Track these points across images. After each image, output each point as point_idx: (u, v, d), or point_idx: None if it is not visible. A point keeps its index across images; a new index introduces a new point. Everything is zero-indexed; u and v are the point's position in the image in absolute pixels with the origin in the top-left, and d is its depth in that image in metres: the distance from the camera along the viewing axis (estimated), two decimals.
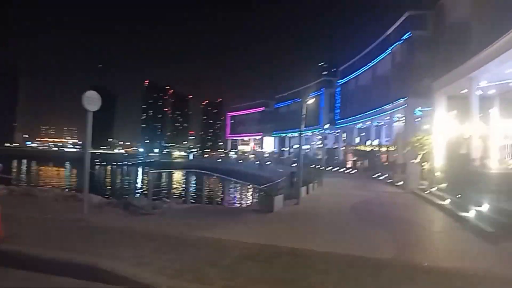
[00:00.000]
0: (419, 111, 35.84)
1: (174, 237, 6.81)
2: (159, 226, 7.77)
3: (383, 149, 37.42)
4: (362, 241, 7.50)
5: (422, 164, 20.46)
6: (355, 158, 45.33)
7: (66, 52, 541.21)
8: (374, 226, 9.31)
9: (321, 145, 69.27)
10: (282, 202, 11.49)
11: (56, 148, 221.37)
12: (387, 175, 29.11)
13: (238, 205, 21.87)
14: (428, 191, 16.55)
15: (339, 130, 62.10)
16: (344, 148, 56.04)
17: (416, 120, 37.69)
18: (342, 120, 57.82)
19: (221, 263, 5.44)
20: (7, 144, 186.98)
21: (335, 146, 63.04)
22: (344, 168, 44.04)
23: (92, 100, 8.48)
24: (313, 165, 32.89)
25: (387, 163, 35.12)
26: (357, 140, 54.46)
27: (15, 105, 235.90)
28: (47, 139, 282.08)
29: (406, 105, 35.81)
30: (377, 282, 5.12)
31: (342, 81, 59.97)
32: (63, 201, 10.45)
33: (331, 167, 43.42)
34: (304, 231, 8.41)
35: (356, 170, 40.16)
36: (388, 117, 41.68)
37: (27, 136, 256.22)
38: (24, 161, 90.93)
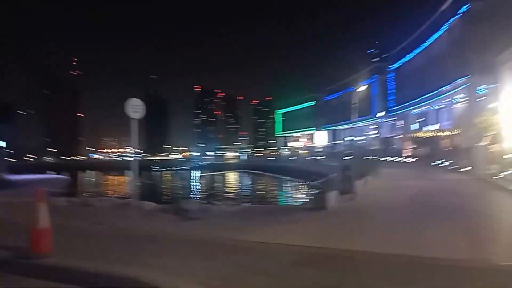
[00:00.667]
0: (483, 89, 33.05)
1: (221, 242, 6.43)
2: (207, 231, 7.47)
3: (444, 134, 34.86)
4: (429, 240, 6.61)
5: (490, 146, 18.60)
6: (413, 146, 42.85)
7: (120, 63, 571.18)
8: (441, 221, 8.29)
9: (376, 135, 66.66)
10: (336, 198, 10.78)
11: (117, 158, 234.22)
12: (450, 161, 27.05)
13: (291, 203, 21.26)
14: (499, 176, 14.91)
15: (394, 118, 59.31)
16: (401, 136, 53.30)
17: (480, 99, 34.76)
18: (397, 107, 55.10)
19: (270, 271, 4.97)
20: (73, 157, 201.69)
21: (391, 135, 60.29)
22: (402, 157, 41.87)
23: (136, 108, 8.39)
24: (369, 156, 31.45)
25: (449, 148, 32.67)
26: (415, 126, 51.64)
27: (77, 119, 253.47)
28: (109, 150, 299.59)
29: (468, 84, 33.19)
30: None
31: (394, 66, 57.14)
32: (118, 210, 10.56)
33: (388, 157, 41.38)
34: (361, 230, 7.55)
35: (415, 159, 37.92)
36: (449, 99, 38.93)
37: (91, 148, 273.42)
38: (88, 172, 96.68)
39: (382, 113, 59.58)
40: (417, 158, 37.48)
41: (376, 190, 14.76)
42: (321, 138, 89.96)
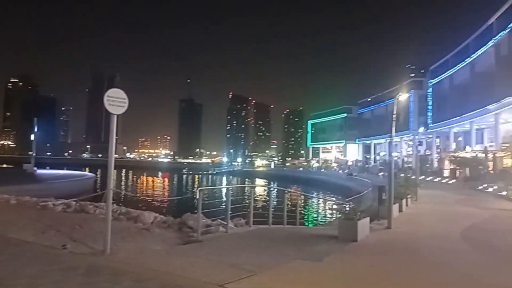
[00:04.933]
0: None
1: None
2: (193, 266, 5.81)
3: (489, 155, 32.16)
4: None
5: None
6: (453, 166, 40.04)
7: (158, 68, 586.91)
8: (506, 268, 6.65)
9: (411, 152, 63.58)
10: (369, 226, 9.20)
11: (150, 159, 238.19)
12: (496, 186, 24.61)
13: (314, 225, 19.60)
14: None
15: (431, 135, 56.27)
16: (439, 155, 50.30)
17: None
18: (435, 124, 52.18)
19: None
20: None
21: (428, 153, 57.18)
22: (440, 178, 39.22)
23: (114, 101, 6.55)
24: (403, 174, 29.42)
25: (495, 171, 30.00)
26: (454, 145, 48.61)
27: (117, 119, 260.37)
28: (144, 150, 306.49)
29: None
30: None
31: (433, 81, 54.34)
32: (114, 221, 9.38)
33: (424, 176, 38.83)
34: (403, 278, 5.85)
35: (454, 180, 35.28)
36: (492, 119, 36.15)
37: (126, 148, 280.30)
38: (124, 171, 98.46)
39: (421, 129, 56.57)
40: (456, 180, 34.88)
41: (416, 217, 12.99)
42: (352, 152, 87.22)
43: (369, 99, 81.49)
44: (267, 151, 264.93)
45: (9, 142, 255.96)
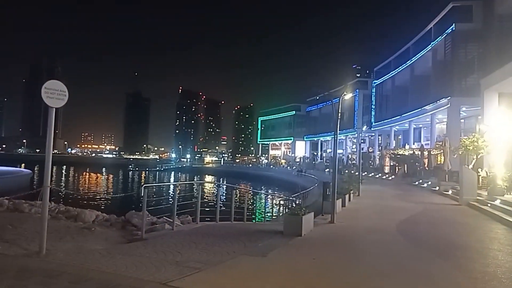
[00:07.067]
0: (464, 111, 32.90)
1: None
2: (136, 265, 5.63)
3: (425, 153, 34.40)
4: (426, 285, 5.48)
5: (478, 170, 17.80)
6: (393, 163, 42.35)
7: (104, 60, 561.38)
8: (434, 257, 7.09)
9: (355, 149, 66.41)
10: (313, 221, 9.49)
11: (94, 155, 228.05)
12: (430, 182, 26.43)
13: (261, 221, 19.86)
14: (490, 204, 14.01)
15: (374, 134, 59.13)
16: (380, 152, 52.99)
17: (462, 120, 34.64)
18: (378, 123, 54.85)
19: None
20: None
21: (371, 150, 60.00)
22: (381, 174, 41.34)
23: (53, 93, 6.19)
24: (347, 171, 30.66)
25: (429, 168, 32.17)
26: (394, 143, 51.46)
27: (56, 112, 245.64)
28: (87, 145, 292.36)
29: (449, 105, 32.87)
30: None
31: (377, 81, 57.03)
32: (51, 220, 8.86)
33: (367, 173, 40.73)
34: (343, 269, 6.13)
35: (394, 176, 37.35)
36: (429, 119, 38.71)
37: (67, 143, 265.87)
38: (63, 167, 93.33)
39: (365, 128, 59.24)
40: (396, 176, 36.93)
41: (358, 212, 13.61)
42: (300, 148, 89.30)
43: (317, 98, 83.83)
44: (217, 148, 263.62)
45: None
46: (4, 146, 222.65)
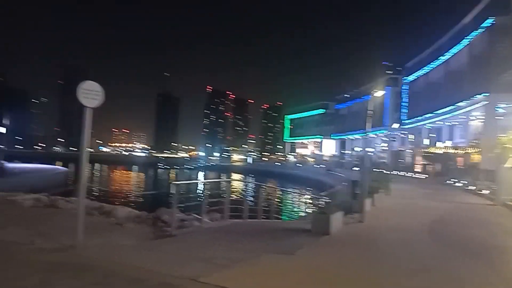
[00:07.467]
0: (501, 108, 31.50)
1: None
2: (165, 261, 5.76)
3: (459, 151, 33.22)
4: (454, 285, 5.29)
5: None
6: (424, 162, 41.21)
7: (136, 60, 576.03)
8: (465, 258, 6.86)
9: (386, 148, 65.00)
10: (342, 220, 9.35)
11: (126, 153, 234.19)
12: (465, 181, 25.50)
13: (289, 219, 19.78)
14: None
15: (405, 131, 57.65)
16: (412, 150, 51.62)
17: (498, 118, 33.13)
18: (409, 120, 53.42)
19: None
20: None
21: (401, 149, 58.58)
22: (412, 173, 40.31)
23: (88, 93, 6.34)
24: (377, 169, 30.06)
25: (465, 167, 31.04)
26: (426, 141, 49.99)
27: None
28: (119, 144, 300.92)
29: (486, 101, 31.54)
30: None
31: (409, 78, 55.54)
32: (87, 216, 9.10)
33: (397, 172, 39.81)
34: (371, 268, 5.99)
35: (426, 175, 36.33)
36: (464, 116, 37.35)
37: (100, 141, 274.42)
38: (96, 165, 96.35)
39: (396, 125, 57.79)
40: (428, 175, 35.91)
41: (387, 211, 13.29)
42: (329, 147, 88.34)
43: (347, 95, 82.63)
44: (244, 146, 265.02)
45: None
46: (42, 144, 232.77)
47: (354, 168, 47.79)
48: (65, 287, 4.35)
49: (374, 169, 29.71)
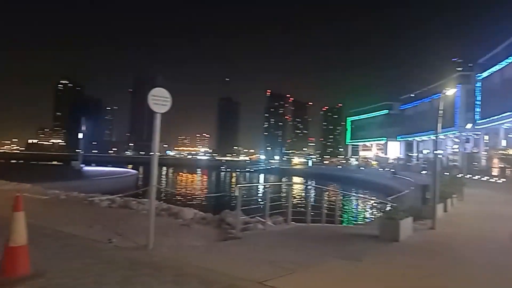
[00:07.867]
0: None
1: None
2: (233, 263, 5.88)
3: None
4: None
5: None
6: (502, 165, 37.91)
7: (198, 67, 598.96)
8: None
9: (457, 149, 60.82)
10: (411, 226, 8.88)
11: (189, 156, 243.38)
12: None
13: (353, 224, 19.15)
14: None
15: (479, 132, 53.44)
16: (487, 152, 47.76)
17: None
18: (483, 120, 49.53)
19: None
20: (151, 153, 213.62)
21: (475, 150, 54.40)
22: (489, 177, 37.22)
23: (158, 100, 6.61)
24: (448, 173, 28.15)
25: None
26: (504, 143, 45.88)
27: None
28: (183, 148, 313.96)
29: None
30: None
31: (483, 75, 51.54)
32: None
33: (471, 175, 37.02)
34: (443, 278, 5.58)
35: (504, 179, 33.37)
36: None
37: (166, 145, 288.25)
38: (163, 168, 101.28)
39: (469, 126, 53.79)
40: (506, 179, 32.96)
41: (461, 218, 12.41)
42: (393, 149, 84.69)
43: (412, 95, 78.73)
44: (304, 149, 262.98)
45: (60, 141, 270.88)
46: (115, 149, 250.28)
47: (423, 172, 45.27)
48: (144, 284, 4.62)
49: (445, 173, 27.93)
